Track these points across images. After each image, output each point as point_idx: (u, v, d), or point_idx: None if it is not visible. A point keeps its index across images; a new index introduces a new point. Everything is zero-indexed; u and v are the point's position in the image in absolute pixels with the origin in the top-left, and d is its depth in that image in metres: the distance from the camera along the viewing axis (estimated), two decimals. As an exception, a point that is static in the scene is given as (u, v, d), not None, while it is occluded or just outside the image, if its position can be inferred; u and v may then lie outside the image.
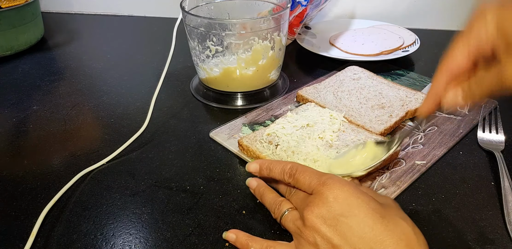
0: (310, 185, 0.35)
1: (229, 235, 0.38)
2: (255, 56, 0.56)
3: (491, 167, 0.48)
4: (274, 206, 0.39)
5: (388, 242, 0.30)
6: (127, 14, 0.99)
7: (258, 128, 0.54)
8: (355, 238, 0.31)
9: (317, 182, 0.35)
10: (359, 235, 0.31)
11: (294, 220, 0.35)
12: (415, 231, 0.32)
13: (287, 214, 0.37)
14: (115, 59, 0.76)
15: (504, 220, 0.40)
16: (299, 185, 0.37)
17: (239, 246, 0.37)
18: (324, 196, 0.33)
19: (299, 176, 0.36)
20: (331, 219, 0.32)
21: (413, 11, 0.88)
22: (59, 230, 0.40)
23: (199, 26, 0.54)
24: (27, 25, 0.77)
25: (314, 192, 0.35)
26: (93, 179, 0.47)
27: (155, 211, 0.42)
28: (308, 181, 0.35)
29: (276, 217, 0.38)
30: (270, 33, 0.56)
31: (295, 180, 0.37)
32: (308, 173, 0.36)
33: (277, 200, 0.39)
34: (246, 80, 0.59)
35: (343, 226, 0.31)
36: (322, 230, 0.32)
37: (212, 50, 0.57)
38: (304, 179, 0.36)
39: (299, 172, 0.37)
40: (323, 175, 0.35)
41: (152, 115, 0.55)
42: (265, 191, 0.41)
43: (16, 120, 0.58)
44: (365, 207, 0.32)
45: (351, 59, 0.71)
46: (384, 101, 0.57)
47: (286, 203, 0.38)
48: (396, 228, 0.31)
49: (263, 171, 0.40)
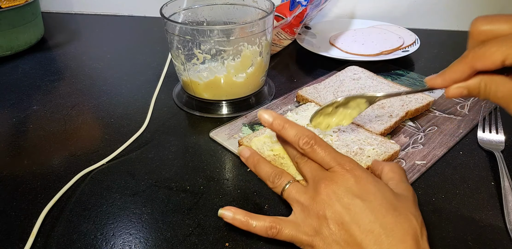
0: (330, 162, 0.34)
1: (224, 213, 0.36)
2: (245, 62, 0.55)
3: (491, 167, 0.48)
4: (273, 176, 0.38)
5: (396, 231, 0.30)
6: (127, 14, 0.99)
7: (258, 128, 0.54)
8: (366, 221, 0.31)
9: (337, 162, 0.34)
10: (371, 219, 0.31)
11: (301, 192, 0.35)
12: (422, 232, 0.32)
13: (291, 186, 0.36)
14: (115, 59, 0.76)
15: (504, 220, 0.40)
16: (315, 156, 0.35)
17: (238, 224, 0.36)
18: (345, 177, 0.33)
19: (318, 148, 0.35)
20: (348, 197, 0.32)
21: (413, 11, 0.88)
22: (59, 230, 0.40)
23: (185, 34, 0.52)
24: (27, 25, 0.77)
25: (333, 170, 0.34)
26: (93, 179, 0.47)
27: (155, 211, 0.42)
28: (329, 157, 0.35)
29: (275, 186, 0.37)
30: (259, 38, 0.55)
31: (312, 149, 0.35)
32: (329, 150, 0.35)
33: (275, 171, 0.38)
34: (234, 87, 0.57)
35: (357, 207, 0.32)
36: (336, 205, 0.32)
37: (199, 58, 0.55)
38: (324, 153, 0.35)
39: (319, 144, 0.35)
40: (343, 157, 0.35)
41: (152, 115, 0.55)
42: (260, 160, 0.39)
43: (16, 120, 0.58)
44: (380, 197, 0.32)
45: (351, 59, 0.71)
46: (384, 101, 0.57)
47: (287, 175, 0.38)
48: (406, 223, 0.31)
49: (275, 125, 0.37)
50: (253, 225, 0.35)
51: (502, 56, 0.28)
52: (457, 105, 0.59)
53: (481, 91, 0.32)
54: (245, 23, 0.52)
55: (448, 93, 0.34)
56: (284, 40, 0.75)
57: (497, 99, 0.31)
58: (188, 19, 0.61)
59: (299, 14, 0.69)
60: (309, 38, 0.80)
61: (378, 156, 0.46)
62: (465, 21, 0.87)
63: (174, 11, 0.58)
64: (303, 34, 0.81)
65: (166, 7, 0.56)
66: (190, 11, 0.61)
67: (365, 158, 0.46)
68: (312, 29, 0.83)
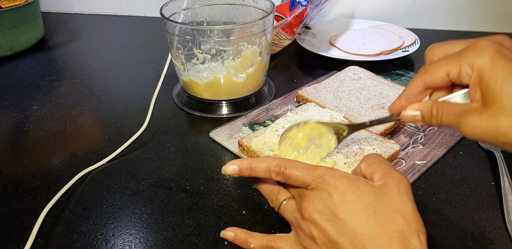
0: (304, 181, 0.34)
1: (226, 234, 0.38)
2: (245, 62, 0.55)
3: (491, 167, 0.48)
4: (272, 195, 0.38)
5: (380, 240, 0.30)
6: (127, 14, 0.99)
7: (258, 128, 0.54)
8: (351, 234, 0.31)
9: (311, 177, 0.34)
10: (353, 231, 0.31)
11: (292, 211, 0.35)
12: (411, 226, 0.31)
13: (285, 204, 0.37)
14: (115, 59, 0.76)
15: (504, 220, 0.40)
16: (291, 182, 0.35)
17: (239, 243, 0.37)
18: (320, 192, 0.33)
19: (289, 173, 0.35)
20: (327, 214, 0.32)
21: (413, 11, 0.88)
22: (59, 230, 0.40)
23: (185, 34, 0.52)
24: (27, 25, 0.77)
25: (310, 187, 0.34)
26: (93, 179, 0.47)
27: (155, 211, 0.42)
28: (301, 176, 0.34)
29: (274, 206, 0.38)
30: (259, 38, 0.54)
31: (285, 177, 0.35)
32: (299, 169, 0.35)
33: (274, 189, 0.38)
34: (234, 87, 0.57)
35: (339, 221, 0.31)
36: (319, 223, 0.32)
37: (199, 58, 0.55)
38: (296, 175, 0.35)
39: (289, 168, 0.35)
40: (315, 169, 0.34)
41: (152, 115, 0.55)
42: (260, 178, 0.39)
43: (16, 120, 0.58)
44: (358, 203, 0.32)
45: (351, 59, 0.71)
46: (384, 101, 0.57)
47: (284, 192, 0.38)
48: (389, 226, 0.30)
49: (243, 172, 0.37)
50: (251, 246, 0.36)
51: (445, 69, 0.32)
52: (457, 105, 0.59)
53: (433, 114, 0.33)
54: (245, 23, 0.52)
55: (403, 116, 0.36)
56: (284, 40, 0.75)
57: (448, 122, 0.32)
58: (188, 19, 0.61)
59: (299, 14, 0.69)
60: (309, 38, 0.80)
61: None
62: (465, 21, 0.87)
63: (174, 11, 0.58)
64: (303, 34, 0.81)
65: (166, 7, 0.56)
66: (190, 11, 0.61)
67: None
68: (312, 29, 0.83)
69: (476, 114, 0.30)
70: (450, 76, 0.32)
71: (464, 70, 0.31)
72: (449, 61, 0.32)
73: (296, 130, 0.44)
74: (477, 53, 0.30)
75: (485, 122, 0.29)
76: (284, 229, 0.40)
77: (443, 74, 0.32)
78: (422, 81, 0.34)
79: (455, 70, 0.31)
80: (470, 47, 0.31)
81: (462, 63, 0.31)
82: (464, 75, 0.31)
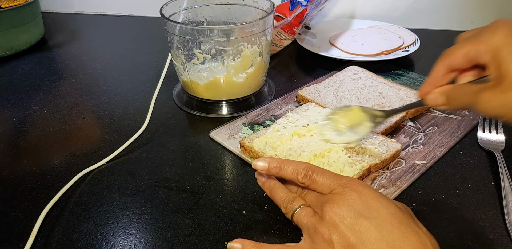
0: (330, 186, 0.35)
1: (233, 246, 0.35)
2: (245, 62, 0.55)
3: (491, 167, 0.48)
4: (287, 202, 0.38)
5: (405, 247, 0.30)
6: (127, 14, 0.99)
7: (258, 128, 0.54)
8: (372, 240, 0.30)
9: (337, 183, 0.34)
10: (377, 237, 0.30)
11: (309, 216, 0.35)
12: (432, 242, 0.31)
13: (300, 210, 0.36)
14: (115, 59, 0.76)
15: (504, 220, 0.40)
16: (315, 186, 0.36)
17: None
18: (346, 196, 0.33)
19: (317, 177, 0.36)
20: (350, 217, 0.32)
21: (413, 11, 0.88)
22: (59, 230, 0.40)
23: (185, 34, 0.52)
24: (27, 25, 0.77)
25: (334, 192, 0.34)
26: (93, 179, 0.47)
27: (155, 211, 0.42)
28: (328, 182, 0.35)
29: (287, 212, 0.37)
30: (259, 38, 0.54)
31: (311, 180, 0.36)
32: (327, 174, 0.36)
33: (290, 196, 0.38)
34: (234, 87, 0.57)
35: (362, 226, 0.31)
36: (340, 227, 0.32)
37: (199, 58, 0.55)
38: (323, 180, 0.35)
39: (317, 172, 0.36)
40: (343, 177, 0.35)
41: (152, 115, 0.55)
42: (276, 186, 0.40)
43: (16, 120, 0.58)
44: (384, 211, 0.32)
45: (351, 59, 0.71)
46: (384, 101, 0.57)
47: (299, 199, 0.37)
48: (414, 236, 0.31)
49: (272, 169, 0.38)
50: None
51: (465, 50, 0.33)
52: (457, 105, 0.59)
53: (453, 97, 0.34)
54: (245, 23, 0.52)
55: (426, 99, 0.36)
56: (284, 40, 0.75)
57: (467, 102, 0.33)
58: (188, 19, 0.61)
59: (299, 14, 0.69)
60: (309, 38, 0.80)
61: (380, 155, 0.46)
62: (465, 21, 0.87)
63: (174, 11, 0.58)
64: (303, 34, 0.81)
65: (166, 7, 0.56)
66: (190, 11, 0.61)
67: (367, 157, 0.46)
68: (312, 29, 0.83)
69: (490, 90, 0.30)
70: (469, 57, 0.33)
71: (481, 49, 0.31)
72: (469, 42, 0.33)
73: (340, 114, 0.45)
74: (493, 32, 0.31)
75: (497, 97, 0.29)
76: (284, 229, 0.40)
77: (463, 54, 0.33)
78: (444, 63, 0.35)
79: (473, 49, 0.32)
80: (487, 27, 0.32)
81: (480, 42, 0.32)
82: (481, 55, 0.32)
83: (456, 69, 0.35)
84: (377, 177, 0.45)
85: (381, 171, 0.46)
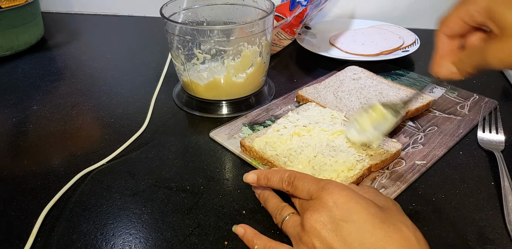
0: (309, 191, 0.35)
1: (238, 229, 0.39)
2: (245, 62, 0.55)
3: (491, 167, 0.48)
4: (276, 211, 0.38)
5: (388, 247, 0.30)
6: (127, 14, 0.99)
7: (258, 128, 0.54)
8: (356, 244, 0.30)
9: (315, 188, 0.34)
10: (360, 241, 0.30)
11: (295, 226, 0.35)
12: (416, 236, 0.31)
13: (288, 219, 0.36)
14: (115, 59, 0.76)
15: (504, 220, 0.40)
16: (297, 193, 0.36)
17: (245, 241, 0.38)
18: (324, 201, 0.33)
19: (297, 183, 0.36)
20: (331, 223, 0.32)
21: (413, 11, 0.88)
22: (59, 230, 0.40)
23: (185, 34, 0.52)
24: (27, 25, 0.77)
25: (313, 197, 0.34)
26: (93, 179, 0.47)
27: (155, 211, 0.42)
28: (307, 187, 0.35)
29: (277, 222, 0.38)
30: (259, 38, 0.54)
31: (293, 188, 0.36)
32: (306, 180, 0.36)
33: (279, 205, 0.39)
34: (234, 87, 0.57)
35: (343, 231, 0.31)
36: (322, 234, 0.32)
37: (199, 58, 0.55)
38: (302, 186, 0.35)
39: (297, 179, 0.36)
40: (321, 181, 0.35)
41: (152, 115, 0.55)
42: (269, 196, 0.41)
43: (16, 120, 0.58)
44: (364, 212, 0.32)
45: (351, 59, 0.71)
46: (384, 101, 0.57)
47: (288, 208, 0.38)
48: (396, 234, 0.31)
49: (260, 181, 0.39)
50: (255, 247, 0.37)
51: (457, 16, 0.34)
52: (457, 105, 0.59)
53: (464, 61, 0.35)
54: (245, 23, 0.52)
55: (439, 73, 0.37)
56: (284, 40, 0.75)
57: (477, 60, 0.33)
58: (188, 19, 0.61)
59: (299, 14, 0.69)
60: (309, 38, 0.80)
61: (380, 154, 0.46)
62: None
63: (174, 11, 0.58)
64: (303, 34, 0.81)
65: (166, 7, 0.56)
66: (190, 11, 0.61)
67: (368, 157, 0.46)
68: (312, 29, 0.83)
69: (494, 42, 0.31)
70: (464, 20, 0.33)
71: (472, 10, 0.32)
72: (458, 8, 0.34)
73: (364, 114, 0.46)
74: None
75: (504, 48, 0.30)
76: (284, 229, 0.40)
77: (457, 20, 0.34)
78: (443, 34, 0.35)
79: (465, 13, 0.33)
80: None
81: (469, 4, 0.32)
82: (475, 15, 0.32)
83: (457, 35, 0.35)
84: (377, 177, 0.45)
85: (381, 170, 0.46)
